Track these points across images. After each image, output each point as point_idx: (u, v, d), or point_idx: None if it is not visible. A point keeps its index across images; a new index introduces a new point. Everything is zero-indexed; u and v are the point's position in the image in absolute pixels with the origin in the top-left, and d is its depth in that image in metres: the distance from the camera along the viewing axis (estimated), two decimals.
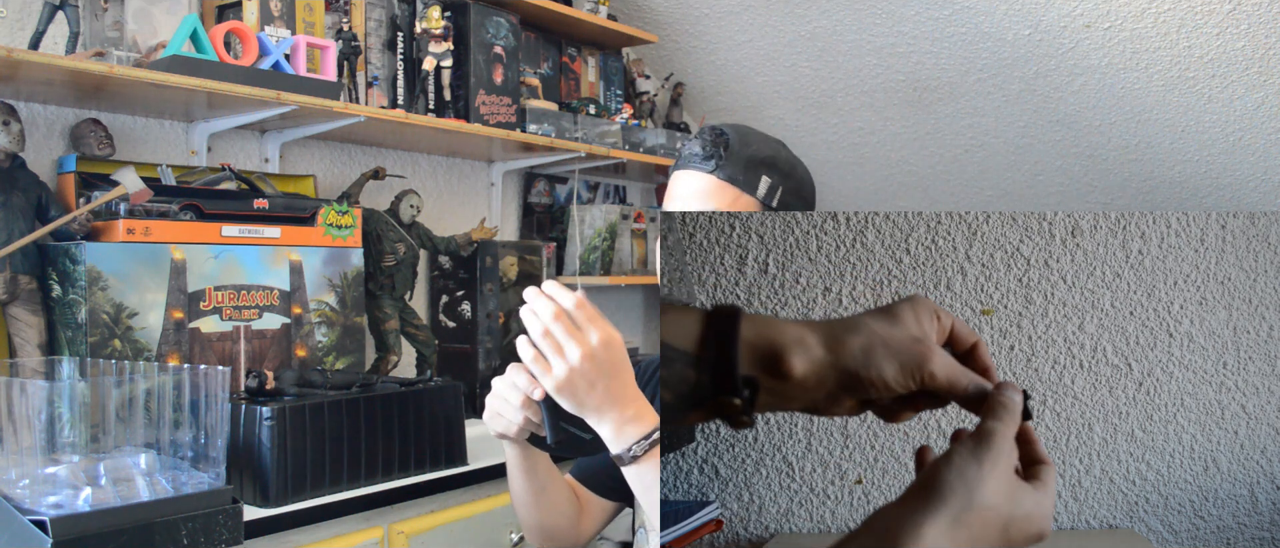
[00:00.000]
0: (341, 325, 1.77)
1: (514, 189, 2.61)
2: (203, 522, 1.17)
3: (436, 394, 1.65)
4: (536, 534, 1.28)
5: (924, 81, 2.82)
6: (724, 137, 1.16)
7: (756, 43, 2.81)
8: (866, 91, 2.92)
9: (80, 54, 1.52)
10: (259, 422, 1.42)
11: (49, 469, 1.12)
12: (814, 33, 2.71)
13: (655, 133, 2.64)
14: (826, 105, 3.02)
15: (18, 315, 1.48)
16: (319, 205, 1.75)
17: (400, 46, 2.06)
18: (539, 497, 1.24)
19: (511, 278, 2.21)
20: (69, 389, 1.17)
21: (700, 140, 1.17)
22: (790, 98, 3.02)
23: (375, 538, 1.54)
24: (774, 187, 1.16)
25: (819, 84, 2.93)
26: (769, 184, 1.16)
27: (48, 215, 1.50)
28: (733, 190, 1.15)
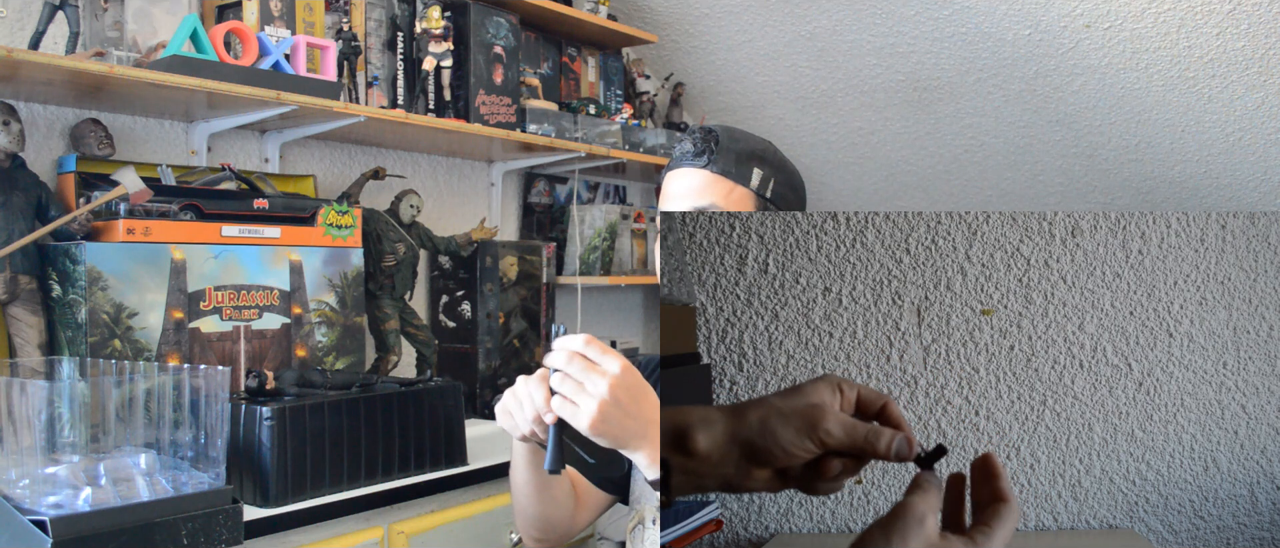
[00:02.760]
0: (341, 325, 1.77)
1: (514, 189, 2.61)
2: (203, 522, 1.17)
3: (436, 394, 1.65)
4: (533, 526, 1.30)
5: (924, 81, 2.82)
6: (713, 134, 1.20)
7: (756, 43, 2.81)
8: (866, 91, 2.92)
9: (80, 54, 1.52)
10: (259, 422, 1.42)
11: (49, 469, 1.12)
12: (814, 33, 2.71)
13: (655, 133, 2.64)
14: (826, 105, 3.02)
15: (18, 315, 1.48)
16: (319, 205, 1.75)
17: (400, 46, 2.06)
18: (541, 491, 1.25)
19: (511, 278, 2.21)
20: (69, 389, 1.17)
21: (691, 139, 1.21)
22: (790, 98, 3.02)
23: (375, 538, 1.54)
24: (766, 178, 1.20)
25: (819, 84, 2.93)
26: (761, 176, 1.19)
27: (48, 215, 1.50)
28: (727, 183, 1.18)
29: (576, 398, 1.02)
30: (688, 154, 1.20)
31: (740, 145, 1.20)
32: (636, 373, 1.03)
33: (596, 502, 1.36)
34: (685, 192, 1.20)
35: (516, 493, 1.27)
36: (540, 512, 1.27)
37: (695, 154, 1.20)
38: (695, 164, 1.19)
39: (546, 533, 1.31)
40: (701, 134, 1.21)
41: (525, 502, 1.26)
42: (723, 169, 1.18)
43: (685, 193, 1.20)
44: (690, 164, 1.20)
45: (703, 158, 1.19)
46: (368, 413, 1.54)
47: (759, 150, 1.22)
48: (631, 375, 1.02)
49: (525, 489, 1.25)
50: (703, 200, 1.18)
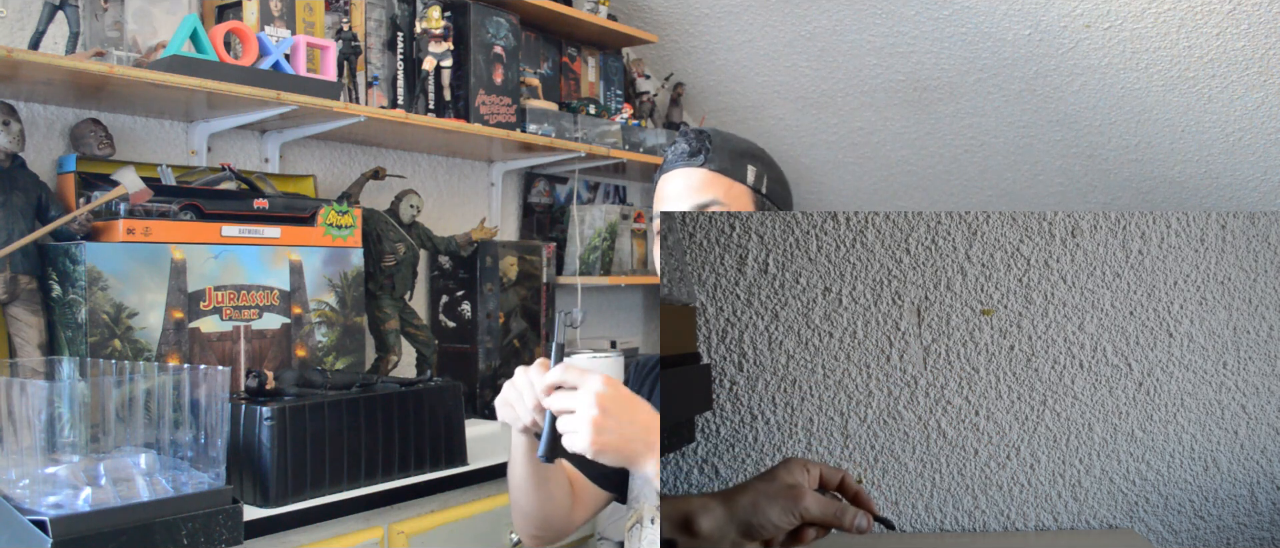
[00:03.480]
0: (341, 325, 1.77)
1: (514, 189, 2.61)
2: (203, 522, 1.17)
3: (436, 394, 1.65)
4: (531, 522, 1.31)
5: (924, 81, 2.82)
6: (706, 134, 1.23)
7: (756, 43, 2.81)
8: (866, 91, 2.92)
9: (80, 54, 1.52)
10: (259, 422, 1.42)
11: (49, 469, 1.12)
12: (814, 33, 2.71)
13: (655, 133, 2.64)
14: (826, 105, 3.02)
15: (18, 315, 1.48)
16: (319, 205, 1.75)
17: (400, 46, 2.06)
18: (539, 486, 1.26)
19: (511, 278, 2.21)
20: (69, 389, 1.17)
21: (685, 140, 1.24)
22: (790, 98, 3.02)
23: (375, 538, 1.54)
24: (760, 174, 1.23)
25: (819, 84, 2.93)
26: (756, 172, 1.23)
27: (48, 215, 1.50)
28: (726, 179, 1.21)
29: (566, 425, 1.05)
30: (684, 154, 1.23)
31: (733, 144, 1.24)
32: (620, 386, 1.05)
33: (594, 500, 1.37)
34: (684, 190, 1.22)
35: (514, 489, 1.28)
36: (537, 509, 1.28)
37: (691, 154, 1.22)
38: (692, 163, 1.22)
39: (543, 530, 1.32)
40: (695, 135, 1.24)
41: (523, 498, 1.27)
42: (720, 167, 1.21)
43: (684, 191, 1.22)
44: (686, 164, 1.22)
45: (700, 157, 1.21)
46: (368, 413, 1.54)
47: (750, 149, 1.25)
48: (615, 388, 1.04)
49: (523, 485, 1.26)
50: (704, 197, 1.20)
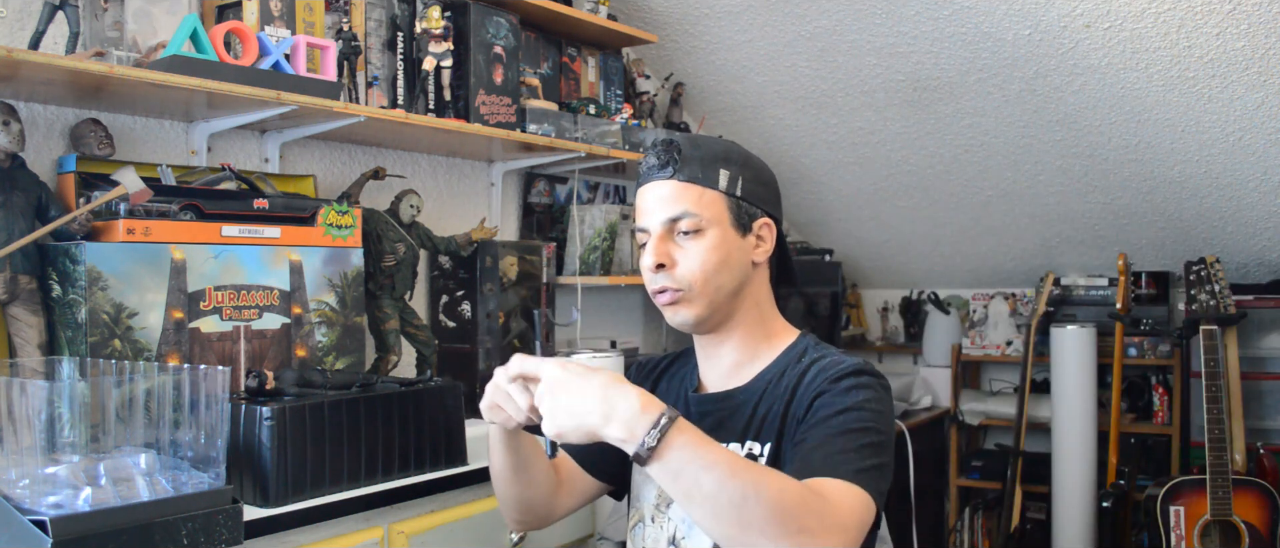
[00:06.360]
0: (341, 325, 1.77)
1: (514, 189, 2.61)
2: (203, 522, 1.17)
3: (436, 394, 1.65)
4: (513, 507, 1.32)
5: (924, 81, 2.82)
6: (675, 144, 1.23)
7: (756, 43, 2.80)
8: (866, 91, 2.92)
9: (80, 54, 1.52)
10: (259, 422, 1.42)
11: (49, 469, 1.12)
12: (814, 33, 2.71)
13: (655, 133, 2.64)
14: (826, 105, 3.02)
15: (18, 315, 1.48)
16: (319, 205, 1.75)
17: (400, 46, 2.06)
18: (519, 472, 1.28)
19: (511, 278, 2.21)
20: (69, 389, 1.16)
21: (654, 153, 1.24)
22: (790, 98, 3.02)
23: (375, 538, 1.54)
24: (733, 177, 1.22)
25: (819, 84, 2.93)
26: (728, 176, 1.22)
27: (48, 215, 1.49)
28: (696, 188, 1.21)
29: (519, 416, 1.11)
30: (653, 168, 1.23)
31: (702, 151, 1.23)
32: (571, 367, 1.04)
33: (583, 488, 1.38)
34: (655, 204, 1.22)
35: (495, 478, 1.30)
36: (518, 493, 1.30)
37: (660, 167, 1.22)
38: (661, 177, 1.22)
39: (526, 515, 1.33)
40: (663, 147, 1.23)
41: (504, 485, 1.29)
42: (690, 177, 1.21)
43: (655, 205, 1.22)
44: (657, 177, 1.23)
45: (668, 169, 1.22)
46: (368, 413, 1.54)
47: (722, 152, 1.24)
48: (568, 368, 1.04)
49: (503, 473, 1.28)
50: (675, 210, 1.21)
